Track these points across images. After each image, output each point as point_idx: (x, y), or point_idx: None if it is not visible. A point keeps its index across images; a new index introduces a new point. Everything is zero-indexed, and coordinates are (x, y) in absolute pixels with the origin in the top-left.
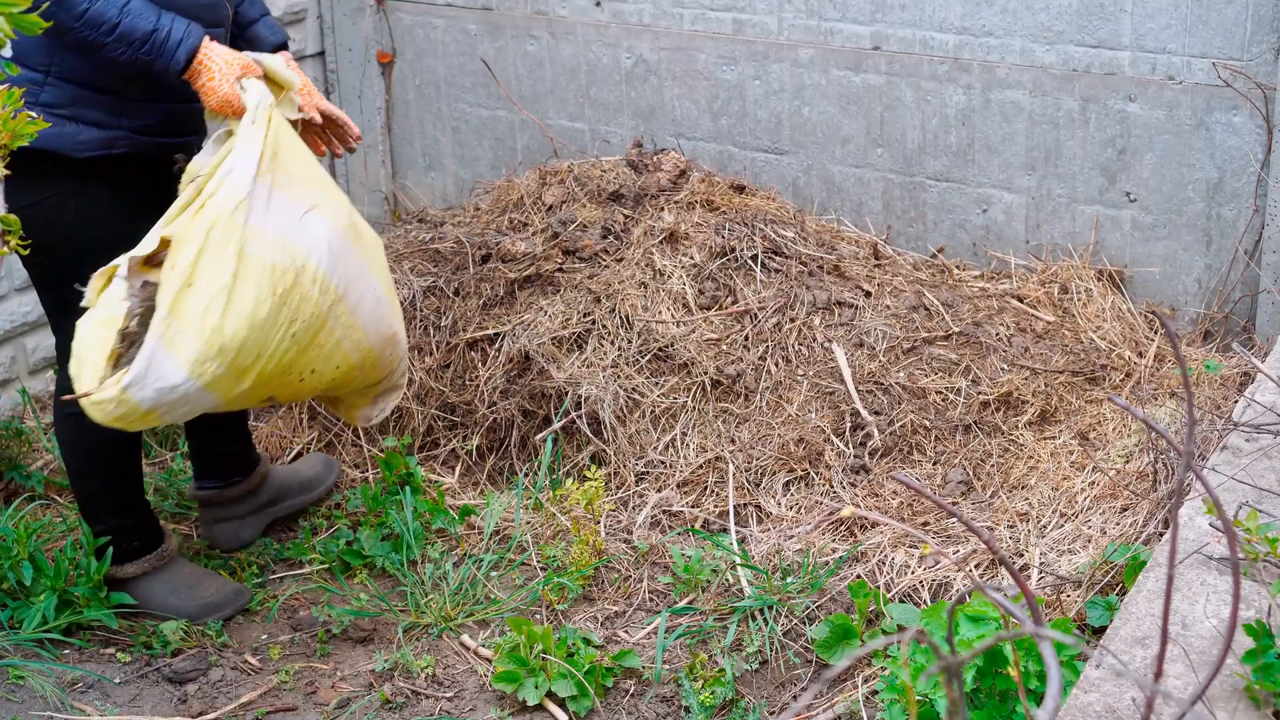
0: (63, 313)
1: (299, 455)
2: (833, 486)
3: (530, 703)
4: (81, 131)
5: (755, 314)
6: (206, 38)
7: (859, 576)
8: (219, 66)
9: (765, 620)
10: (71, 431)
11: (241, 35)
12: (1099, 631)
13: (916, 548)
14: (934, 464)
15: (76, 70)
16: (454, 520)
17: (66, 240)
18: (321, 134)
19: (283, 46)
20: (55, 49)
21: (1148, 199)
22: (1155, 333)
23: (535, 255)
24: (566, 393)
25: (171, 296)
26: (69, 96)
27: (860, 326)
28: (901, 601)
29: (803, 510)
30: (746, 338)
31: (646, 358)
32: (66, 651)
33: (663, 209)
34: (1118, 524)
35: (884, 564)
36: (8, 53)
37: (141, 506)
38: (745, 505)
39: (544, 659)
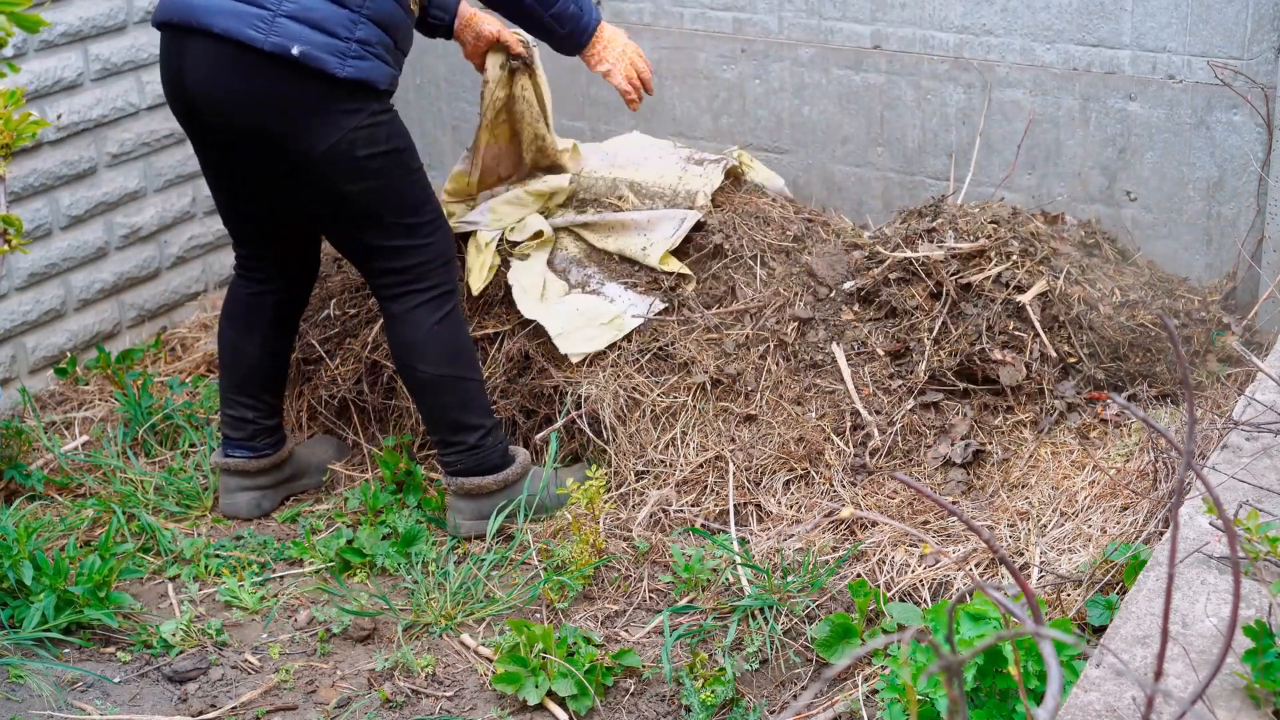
0: (431, 195)
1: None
2: (833, 485)
3: (531, 702)
4: (379, 68)
5: (755, 313)
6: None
7: (859, 575)
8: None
9: (765, 619)
10: (449, 330)
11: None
12: (1099, 631)
13: (917, 547)
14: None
15: (384, 14)
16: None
17: (400, 136)
18: None
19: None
20: None
21: (1148, 198)
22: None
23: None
24: (566, 392)
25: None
26: (375, 37)
27: (860, 327)
28: (902, 600)
29: (803, 509)
30: (746, 337)
31: (646, 357)
32: (66, 651)
33: None
34: (1118, 523)
35: (884, 563)
36: (8, 52)
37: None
38: (745, 504)
39: (544, 658)
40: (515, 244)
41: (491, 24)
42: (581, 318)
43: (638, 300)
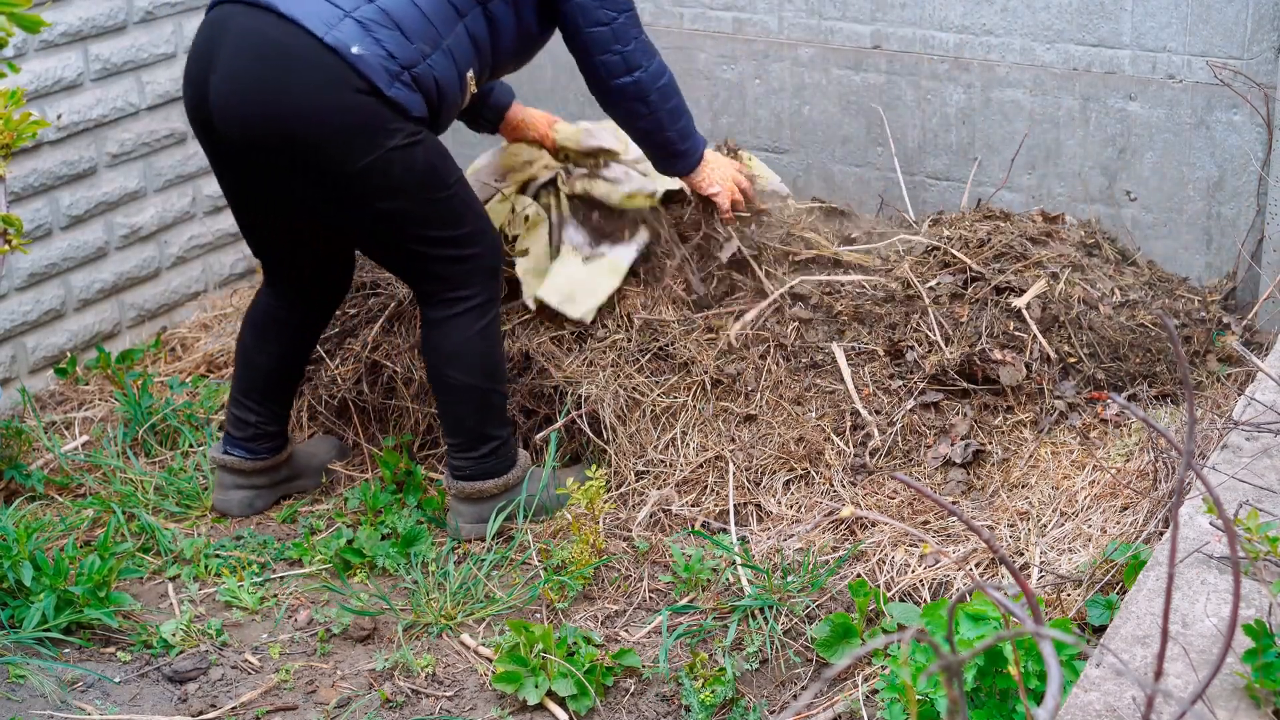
0: (472, 203)
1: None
2: (833, 485)
3: (530, 702)
4: (419, 102)
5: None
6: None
7: (859, 575)
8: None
9: (765, 619)
10: (486, 341)
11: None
12: (1099, 630)
13: (917, 547)
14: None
15: (442, 74)
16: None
17: (438, 155)
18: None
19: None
20: (440, 49)
21: (1148, 198)
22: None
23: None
24: (566, 392)
25: None
26: (426, 86)
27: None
28: (902, 600)
29: (803, 509)
30: (746, 337)
31: (646, 356)
32: (66, 650)
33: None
34: (1118, 523)
35: (884, 563)
36: (9, 52)
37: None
38: (745, 504)
39: (544, 658)
40: (513, 239)
41: (538, 127)
42: (576, 280)
43: (624, 248)
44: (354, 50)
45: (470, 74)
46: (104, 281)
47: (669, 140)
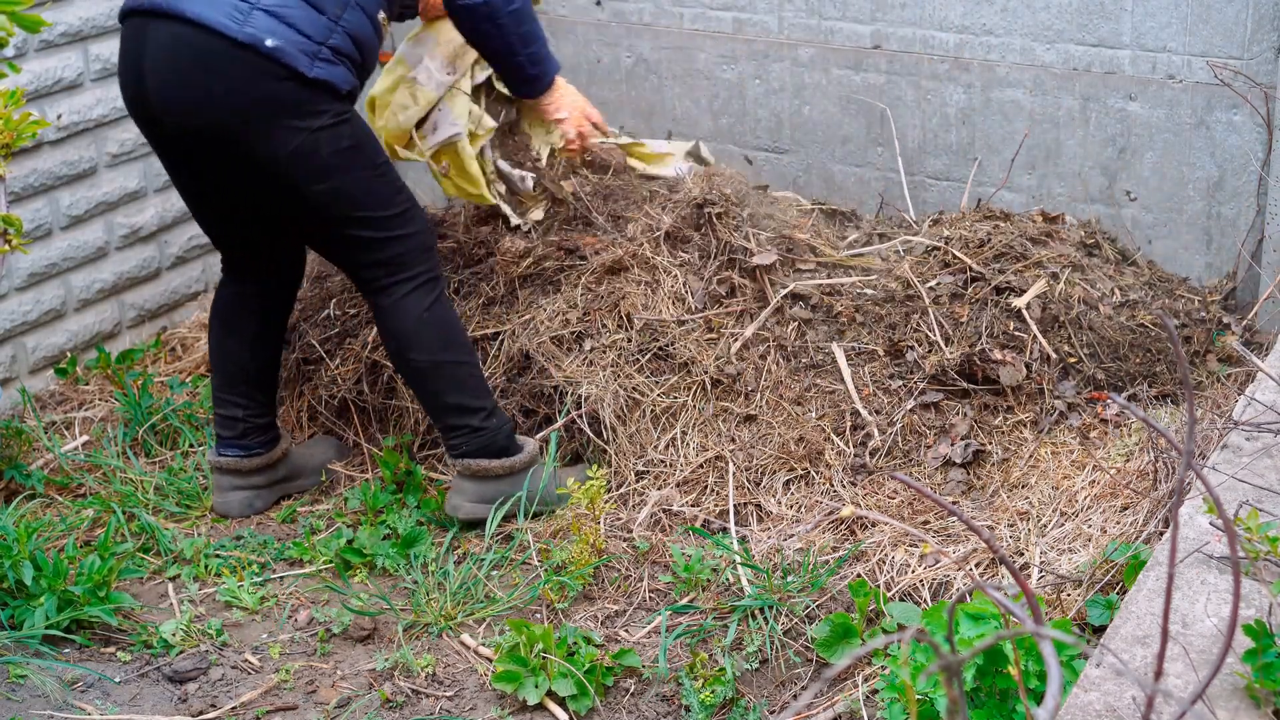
0: (401, 188)
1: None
2: (833, 485)
3: (530, 702)
4: (346, 74)
5: (755, 312)
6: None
7: (859, 575)
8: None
9: (765, 619)
10: (438, 315)
11: None
12: (1099, 630)
13: (917, 547)
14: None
15: (359, 30)
16: (454, 519)
17: (363, 134)
18: None
19: None
20: (349, 6)
21: (1148, 198)
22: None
23: (536, 253)
24: (566, 392)
25: None
26: (347, 48)
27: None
28: (902, 600)
29: (803, 509)
30: (746, 339)
31: (647, 356)
32: (67, 650)
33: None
34: (1118, 523)
35: (884, 563)
36: (9, 52)
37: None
38: (745, 504)
39: (544, 658)
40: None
41: None
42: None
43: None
44: (268, 44)
45: (381, 15)
46: (104, 281)
47: (519, 64)
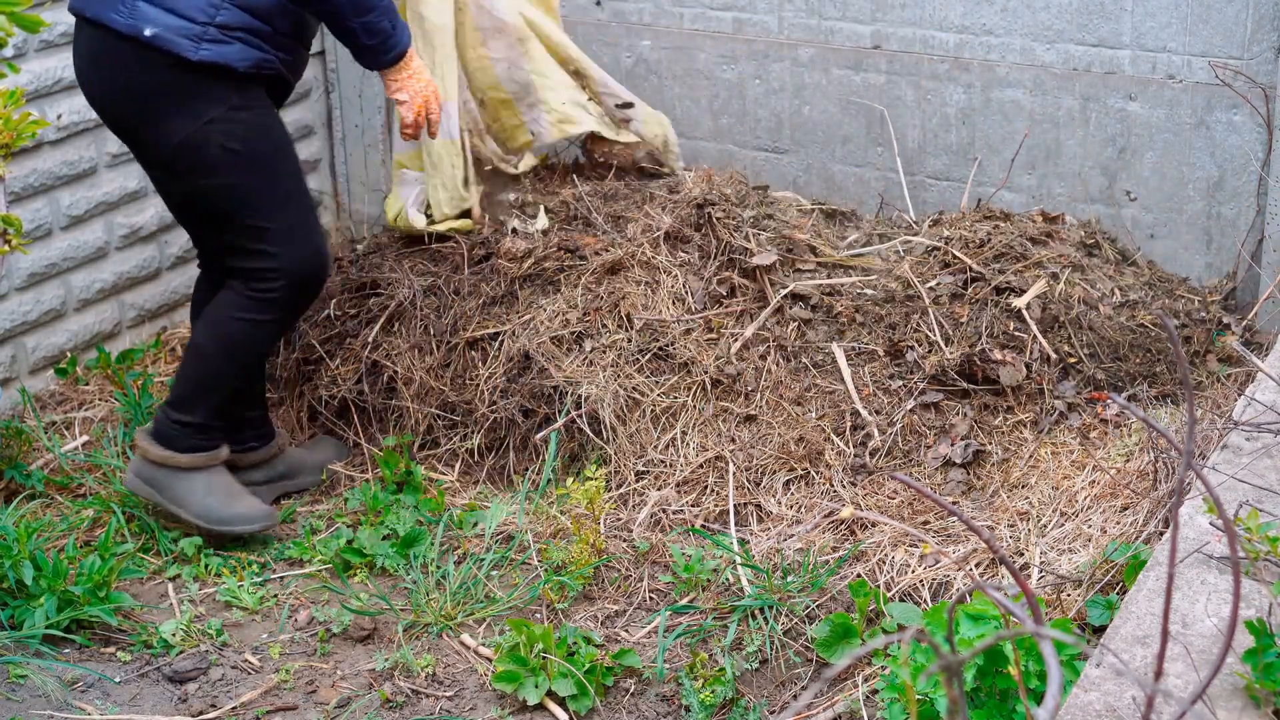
0: (292, 206)
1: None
2: (833, 485)
3: (530, 702)
4: (243, 51)
5: (755, 313)
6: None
7: (859, 575)
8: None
9: (765, 619)
10: (250, 337)
11: None
12: (1099, 630)
13: (917, 547)
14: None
15: (253, 1)
16: (454, 519)
17: (261, 137)
18: None
19: None
20: None
21: (1148, 198)
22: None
23: (536, 254)
24: (566, 392)
25: None
26: (241, 22)
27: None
28: (902, 600)
29: (803, 509)
30: (746, 339)
31: (647, 357)
32: (67, 650)
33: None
34: (1118, 523)
35: (884, 563)
36: (9, 52)
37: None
38: (745, 504)
39: (544, 658)
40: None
41: None
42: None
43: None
44: (147, 33)
45: None
46: (104, 281)
47: (352, 30)
